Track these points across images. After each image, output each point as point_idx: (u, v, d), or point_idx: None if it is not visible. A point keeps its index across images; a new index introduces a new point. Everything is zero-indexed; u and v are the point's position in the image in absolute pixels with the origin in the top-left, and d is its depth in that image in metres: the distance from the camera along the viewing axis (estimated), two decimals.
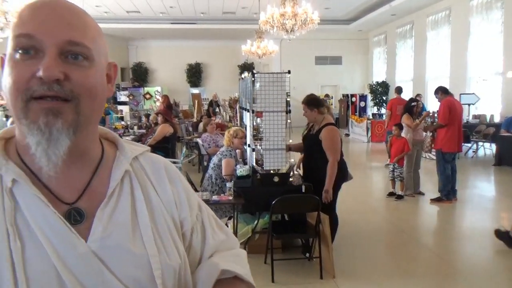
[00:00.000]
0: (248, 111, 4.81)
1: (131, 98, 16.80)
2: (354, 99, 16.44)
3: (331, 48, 18.83)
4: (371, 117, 15.01)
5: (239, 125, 6.88)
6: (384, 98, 16.29)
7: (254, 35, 13.77)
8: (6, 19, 7.76)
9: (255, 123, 4.60)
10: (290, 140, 4.35)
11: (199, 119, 12.11)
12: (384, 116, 12.25)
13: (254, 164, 4.48)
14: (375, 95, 16.47)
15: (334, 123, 4.25)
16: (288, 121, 4.24)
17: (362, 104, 16.43)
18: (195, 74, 20.50)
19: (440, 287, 3.81)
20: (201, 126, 9.90)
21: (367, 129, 13.79)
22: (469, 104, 11.04)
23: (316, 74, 18.80)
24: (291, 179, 4.24)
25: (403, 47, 15.65)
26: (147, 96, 17.27)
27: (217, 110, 14.16)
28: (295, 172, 4.59)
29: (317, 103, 4.27)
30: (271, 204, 3.67)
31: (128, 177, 0.85)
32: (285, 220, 4.38)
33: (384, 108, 14.70)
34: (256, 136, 4.62)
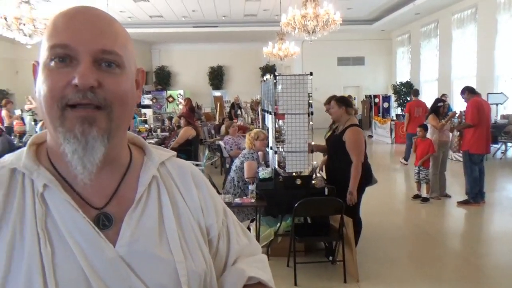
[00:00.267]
0: (270, 113, 4.81)
1: (154, 101, 17.02)
2: (377, 100, 16.21)
3: (354, 48, 18.64)
4: (394, 118, 14.76)
5: (261, 127, 6.87)
6: (408, 99, 15.99)
7: (275, 37, 13.75)
8: (34, 26, 7.99)
9: (277, 125, 4.59)
10: (312, 143, 4.32)
11: (221, 121, 12.17)
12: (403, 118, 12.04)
13: (277, 166, 4.47)
14: (399, 95, 16.20)
15: (359, 125, 4.21)
16: (310, 123, 4.21)
17: (386, 105, 16.19)
18: (217, 77, 20.63)
19: None
20: (223, 128, 9.95)
21: (391, 130, 13.58)
22: (497, 104, 10.73)
23: (339, 75, 18.64)
24: (313, 182, 4.21)
25: (427, 47, 15.35)
26: (170, 99, 17.46)
27: (239, 112, 14.20)
28: (318, 174, 4.56)
29: (347, 102, 4.28)
30: (293, 206, 3.65)
31: (155, 182, 0.86)
32: (307, 223, 4.35)
33: None
34: (278, 139, 4.60)
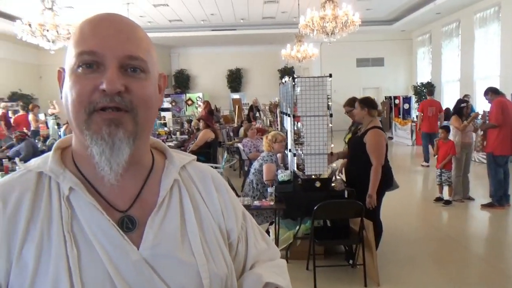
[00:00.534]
0: (289, 115, 4.80)
1: (173, 104, 17.21)
2: (397, 101, 15.99)
3: (373, 49, 18.44)
4: (415, 119, 14.53)
5: (279, 129, 6.86)
6: (435, 100, 15.71)
7: (294, 39, 13.74)
8: (57, 32, 8.17)
9: (296, 128, 4.57)
10: (332, 145, 4.29)
11: (239, 124, 12.20)
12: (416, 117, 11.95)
13: (296, 169, 4.45)
14: (420, 96, 15.94)
15: (381, 127, 4.15)
16: (329, 125, 4.18)
17: (406, 106, 15.94)
18: (235, 80, 20.70)
19: None
20: (241, 131, 9.98)
21: (412, 132, 13.37)
22: None
23: (358, 76, 18.46)
24: (333, 184, 4.18)
25: (449, 47, 15.07)
26: (189, 102, 17.63)
27: (257, 115, 14.21)
28: (337, 177, 4.52)
29: (370, 103, 4.21)
30: (313, 209, 3.63)
31: (177, 186, 0.87)
32: (327, 226, 4.31)
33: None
34: (297, 141, 4.58)
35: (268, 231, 4.56)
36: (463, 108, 6.73)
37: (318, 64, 17.86)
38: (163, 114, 15.16)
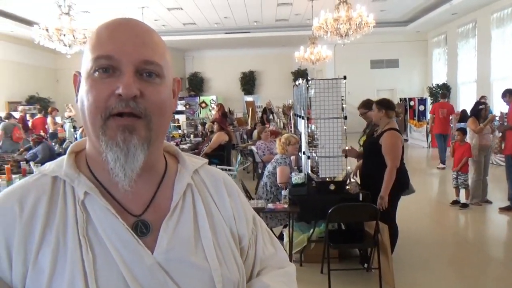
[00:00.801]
0: (302, 118, 4.78)
1: (187, 107, 17.31)
2: (412, 103, 15.81)
3: (387, 51, 18.29)
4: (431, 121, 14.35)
5: (293, 132, 6.84)
6: (447, 102, 15.53)
7: (307, 41, 13.70)
8: (73, 36, 8.30)
9: (309, 130, 4.55)
10: (346, 147, 4.26)
11: (253, 126, 12.20)
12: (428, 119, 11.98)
13: (310, 171, 4.43)
14: (435, 98, 15.74)
15: (398, 129, 4.10)
16: (344, 127, 4.16)
17: (421, 108, 15.75)
18: (249, 82, 20.73)
19: None
20: (255, 133, 9.97)
21: (427, 134, 13.20)
22: None
23: (372, 78, 18.32)
24: (347, 187, 4.14)
25: (465, 47, 14.86)
26: (203, 105, 17.72)
27: (271, 117, 14.20)
28: (352, 179, 4.49)
29: (388, 105, 4.17)
30: (327, 212, 3.60)
31: (190, 190, 0.87)
32: (341, 229, 4.28)
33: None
34: (311, 143, 4.56)
35: (282, 234, 4.55)
36: (481, 110, 6.61)
37: (331, 66, 17.78)
38: (177, 116, 15.25)
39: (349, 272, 3.99)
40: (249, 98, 18.48)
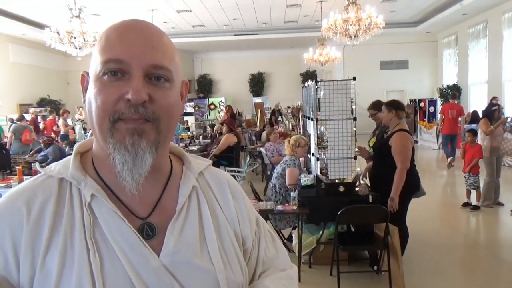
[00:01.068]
0: (312, 119, 4.77)
1: (196, 109, 17.36)
2: (422, 104, 15.70)
3: (397, 52, 18.19)
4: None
5: (302, 133, 6.83)
6: (455, 102, 15.39)
7: (316, 42, 13.67)
8: (84, 39, 8.38)
9: (319, 132, 4.54)
10: (355, 149, 4.23)
11: (262, 128, 12.20)
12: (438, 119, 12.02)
13: (319, 173, 4.41)
14: (446, 99, 15.60)
15: (408, 130, 4.07)
16: (353, 128, 4.13)
17: (432, 109, 15.63)
18: (257, 84, 20.75)
19: None
20: (264, 135, 9.97)
21: (437, 135, 13.09)
22: None
23: (381, 79, 18.23)
24: (357, 189, 4.12)
25: (476, 48, 14.72)
26: (212, 106, 17.76)
27: (279, 119, 14.19)
28: (362, 181, 4.46)
29: (397, 106, 4.14)
30: (336, 214, 3.58)
31: (195, 192, 0.87)
32: (351, 231, 4.26)
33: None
34: (321, 145, 4.54)
35: (291, 236, 4.53)
36: (494, 111, 6.52)
37: (341, 68, 17.73)
38: (186, 118, 15.31)
39: (358, 274, 3.96)
40: (257, 100, 18.50)
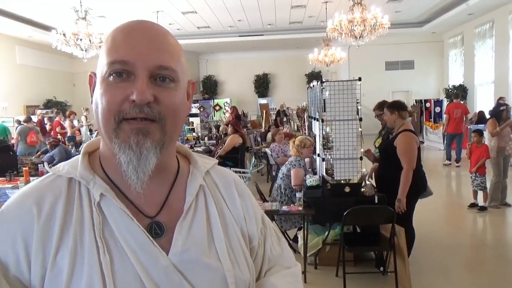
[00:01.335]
0: (317, 120, 4.76)
1: (201, 110, 17.38)
2: (428, 105, 15.62)
3: (402, 52, 18.12)
4: None
5: (307, 134, 6.82)
6: (462, 103, 15.31)
7: (321, 43, 13.65)
8: (90, 40, 8.42)
9: (324, 132, 4.53)
10: (361, 149, 4.22)
11: (267, 129, 12.19)
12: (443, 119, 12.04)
13: (324, 173, 4.40)
14: (452, 99, 15.52)
15: (413, 130, 4.06)
16: (359, 129, 4.12)
17: (438, 109, 15.55)
18: (262, 85, 20.74)
19: None
20: (269, 136, 9.97)
21: (443, 135, 13.01)
22: None
23: (387, 80, 18.16)
24: (363, 190, 4.11)
25: (482, 48, 14.64)
26: (217, 107, 17.77)
27: (284, 119, 14.18)
28: (367, 182, 4.44)
29: (399, 106, 4.13)
30: (342, 215, 3.57)
31: (202, 191, 0.87)
32: (357, 232, 4.24)
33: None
34: (326, 145, 4.53)
35: (296, 237, 4.52)
36: (503, 112, 6.46)
37: (346, 68, 17.68)
38: (191, 119, 15.32)
39: (364, 275, 3.95)
40: (263, 101, 18.48)
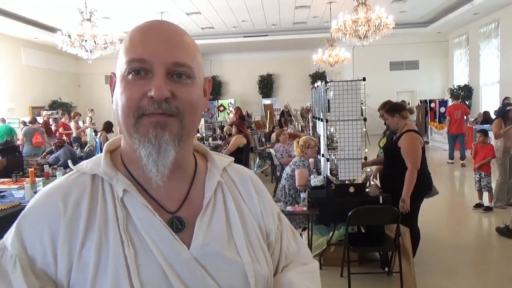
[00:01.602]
0: (321, 120, 4.75)
1: (206, 110, 17.41)
2: (433, 105, 15.56)
3: (407, 52, 18.06)
4: None
5: (311, 134, 6.81)
6: (467, 103, 15.24)
7: (325, 43, 13.64)
8: (95, 42, 8.45)
9: (328, 133, 4.52)
10: (366, 150, 4.21)
11: (271, 129, 12.19)
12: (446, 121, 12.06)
13: (329, 174, 4.40)
14: (457, 100, 15.44)
15: (416, 130, 4.05)
16: (363, 129, 4.11)
17: (443, 109, 15.47)
18: (266, 85, 20.74)
19: None
20: (273, 136, 9.96)
21: (448, 136, 12.95)
22: None
23: (391, 80, 18.11)
24: (367, 190, 4.10)
25: (487, 48, 14.57)
26: (221, 108, 17.80)
27: (289, 120, 14.17)
28: (372, 182, 4.43)
29: (397, 108, 4.14)
30: (346, 215, 3.57)
31: (220, 187, 0.90)
32: (361, 232, 4.23)
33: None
34: (330, 146, 4.53)
35: (301, 237, 4.52)
36: (509, 112, 6.42)
37: (350, 68, 17.65)
38: None
39: (369, 276, 3.94)
40: (267, 101, 18.49)
